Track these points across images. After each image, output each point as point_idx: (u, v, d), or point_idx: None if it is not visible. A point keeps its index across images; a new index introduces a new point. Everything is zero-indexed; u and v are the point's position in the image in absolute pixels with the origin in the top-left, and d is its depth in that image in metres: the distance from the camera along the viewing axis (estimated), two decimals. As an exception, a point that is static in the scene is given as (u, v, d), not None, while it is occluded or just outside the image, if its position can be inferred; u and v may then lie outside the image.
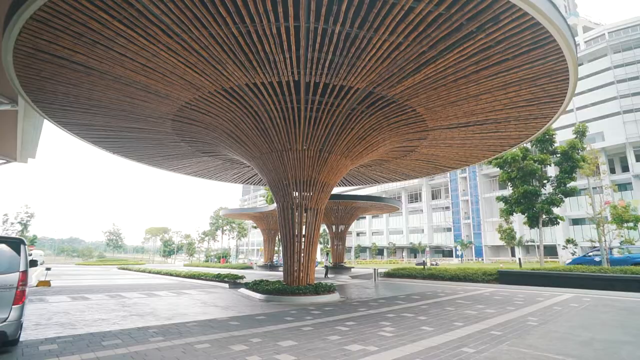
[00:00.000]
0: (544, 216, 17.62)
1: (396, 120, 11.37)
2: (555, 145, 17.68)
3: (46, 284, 14.50)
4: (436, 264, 30.98)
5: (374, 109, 10.63)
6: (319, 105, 10.27)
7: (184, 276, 20.37)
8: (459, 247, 56.95)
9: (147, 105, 10.37)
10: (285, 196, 12.25)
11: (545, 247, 54.46)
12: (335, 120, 10.93)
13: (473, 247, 61.28)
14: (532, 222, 17.78)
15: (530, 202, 17.47)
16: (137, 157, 15.53)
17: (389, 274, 18.70)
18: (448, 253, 69.07)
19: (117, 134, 12.87)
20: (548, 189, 18.37)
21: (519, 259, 15.73)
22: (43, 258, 51.47)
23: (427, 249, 49.45)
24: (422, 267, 18.05)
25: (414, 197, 74.02)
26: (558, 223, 17.41)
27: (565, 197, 17.35)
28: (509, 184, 19.35)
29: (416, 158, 15.65)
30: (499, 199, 19.75)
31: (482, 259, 58.39)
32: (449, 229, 69.05)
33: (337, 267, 23.29)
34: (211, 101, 10.10)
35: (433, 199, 75.01)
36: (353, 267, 25.52)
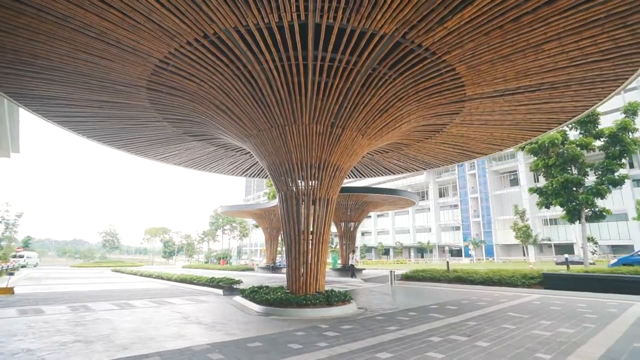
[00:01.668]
0: (586, 210, 15.26)
1: (427, 86, 9.05)
2: (599, 127, 15.32)
3: (8, 291, 12.31)
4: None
5: (400, 69, 8.33)
6: (330, 63, 7.97)
7: (176, 280, 18.16)
8: (470, 247, 54.38)
9: (111, 66, 8.11)
10: (288, 184, 9.97)
11: (560, 245, 51.93)
12: (351, 85, 8.63)
13: (483, 247, 58.77)
14: (573, 216, 15.41)
15: (570, 194, 15.10)
16: (114, 141, 13.28)
17: (407, 277, 16.37)
18: (457, 252, 66.58)
19: (84, 111, 10.62)
20: (590, 178, 15.96)
21: (566, 259, 13.40)
22: (37, 260, 49.55)
23: (447, 248, 46.89)
24: (446, 269, 15.71)
25: (421, 195, 71.58)
26: (604, 217, 15.11)
27: (614, 186, 14.97)
28: (542, 174, 16.95)
29: (442, 141, 13.30)
30: (532, 190, 17.33)
31: (493, 259, 55.89)
32: (457, 228, 66.56)
33: (347, 269, 21.00)
34: (193, 58, 7.84)
35: (440, 196, 72.51)
36: (364, 269, 23.19)
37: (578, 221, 15.48)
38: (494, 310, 8.68)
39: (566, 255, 19.06)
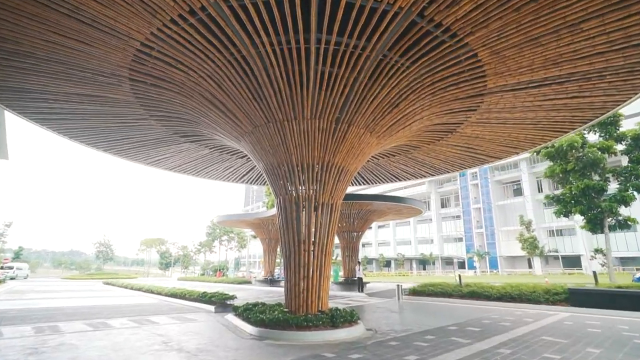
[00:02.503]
0: (609, 218, 14.16)
1: (444, 76, 8.06)
2: (621, 129, 14.32)
3: (-25, 307, 11.09)
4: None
5: (414, 56, 7.35)
6: (336, 47, 6.97)
7: (166, 294, 16.89)
8: (475, 258, 52.95)
9: (88, 52, 7.12)
10: (287, 188, 8.90)
11: (567, 257, 50.55)
12: (359, 74, 7.63)
13: (487, 258, 57.29)
14: (595, 225, 14.29)
15: (591, 201, 14.02)
16: (98, 142, 12.23)
17: (415, 292, 15.13)
18: (460, 264, 65.01)
19: (63, 107, 9.60)
20: (611, 184, 14.89)
21: (594, 273, 12.16)
22: (28, 272, 47.95)
23: (455, 260, 45.39)
24: (458, 283, 14.50)
25: (423, 206, 70.22)
26: (629, 227, 14.00)
27: (639, 193, 13.91)
28: (558, 180, 15.90)
29: (454, 143, 12.28)
30: (548, 198, 16.25)
31: (498, 271, 54.39)
32: (460, 239, 65.13)
33: (350, 282, 19.73)
34: (178, 41, 6.85)
35: (442, 207, 71.31)
36: (368, 282, 21.90)
37: (600, 231, 14.36)
38: (525, 333, 7.50)
39: (594, 269, 17.56)
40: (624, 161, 23.71)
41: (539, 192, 56.34)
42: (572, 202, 14.55)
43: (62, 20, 6.23)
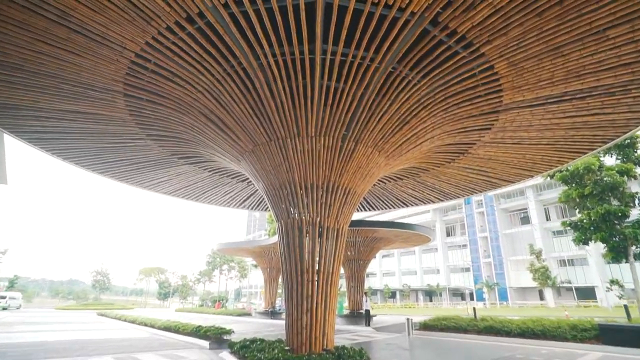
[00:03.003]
0: (633, 246, 13.24)
1: (457, 91, 7.57)
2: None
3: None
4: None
5: (426, 69, 6.89)
6: (343, 58, 6.53)
7: (160, 327, 15.77)
8: (484, 290, 50.92)
9: (79, 63, 6.72)
10: (289, 211, 8.22)
11: (579, 289, 48.43)
12: (367, 88, 7.16)
13: (497, 290, 55.10)
14: (618, 254, 13.36)
15: (613, 228, 13.17)
16: (93, 164, 11.71)
17: (427, 326, 13.98)
18: (468, 296, 62.58)
19: (56, 125, 9.13)
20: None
21: (625, 307, 11.07)
22: (22, 301, 46.36)
23: (467, 291, 43.43)
24: (473, 316, 13.38)
25: (428, 234, 68.71)
26: (655, 255, 13.07)
27: (663, 219, 13.08)
28: (574, 205, 15.11)
29: (466, 165, 11.66)
30: (565, 224, 15.37)
31: (508, 303, 52.09)
32: (467, 269, 63.04)
33: (356, 315, 18.50)
34: (175, 52, 6.45)
35: (448, 236, 69.69)
36: (375, 315, 20.60)
37: (625, 260, 13.40)
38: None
39: (610, 302, 16.25)
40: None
41: (547, 220, 55.08)
42: (592, 228, 13.72)
43: (50, 27, 5.84)
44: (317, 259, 8.00)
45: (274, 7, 5.41)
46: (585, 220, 13.97)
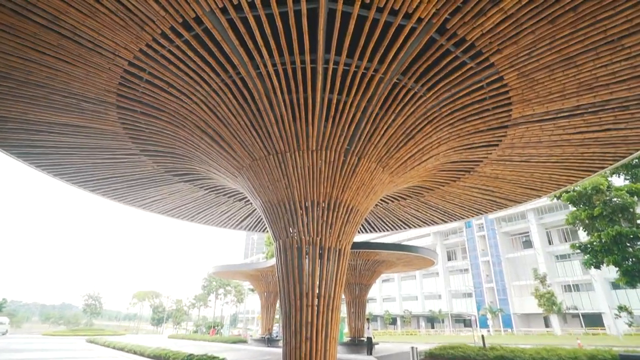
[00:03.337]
0: (648, 270, 12.68)
1: (464, 104, 7.27)
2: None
3: None
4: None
5: (432, 80, 6.61)
6: (346, 68, 6.25)
7: (149, 356, 14.88)
8: (488, 316, 49.33)
9: (71, 72, 6.41)
10: (287, 229, 7.72)
11: (586, 315, 46.95)
12: (371, 99, 6.85)
13: (500, 316, 53.42)
14: (633, 278, 12.76)
15: (625, 250, 12.65)
16: (84, 181, 11.26)
17: (433, 356, 13.13)
18: (470, 323, 60.63)
19: (46, 139, 8.76)
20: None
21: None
22: (7, 327, 44.57)
23: (473, 318, 42.01)
24: (482, 345, 12.60)
25: (429, 258, 67.41)
26: (672, 279, 12.47)
27: (678, 241, 12.59)
28: (582, 227, 14.64)
29: (471, 184, 11.25)
30: (574, 247, 14.83)
31: (512, 330, 50.35)
32: (469, 295, 61.43)
33: (357, 343, 17.54)
34: (170, 60, 6.16)
35: (449, 260, 68.39)
36: (377, 343, 19.59)
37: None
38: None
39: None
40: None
41: (550, 244, 54.24)
42: (603, 251, 13.18)
43: (40, 33, 5.57)
44: (318, 281, 7.44)
45: (274, 12, 5.16)
46: (595, 243, 13.44)
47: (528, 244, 56.73)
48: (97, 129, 8.39)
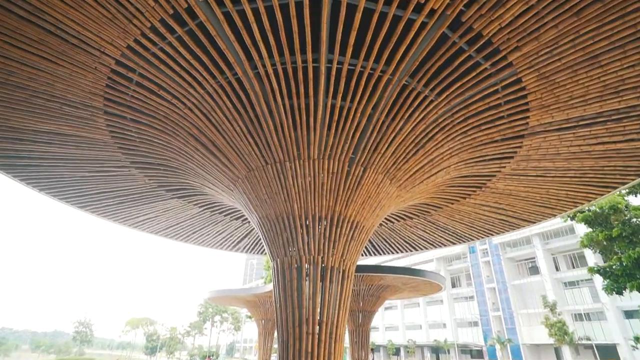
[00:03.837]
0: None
1: (478, 110, 6.74)
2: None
3: None
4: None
5: (444, 81, 6.12)
6: (351, 67, 5.77)
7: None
8: (497, 346, 47.14)
9: (54, 72, 5.94)
10: (286, 247, 7.01)
11: (599, 346, 44.73)
12: (378, 104, 6.34)
13: (508, 347, 51.05)
14: (659, 305, 11.79)
15: (648, 274, 11.81)
16: (72, 197, 10.62)
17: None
18: (477, 353, 57.98)
19: (29, 149, 8.21)
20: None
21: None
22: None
23: (484, 348, 39.99)
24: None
25: (433, 285, 65.48)
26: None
27: None
28: (599, 250, 13.83)
29: (482, 201, 10.59)
30: (592, 270, 13.93)
31: (522, 363, 47.94)
32: (475, 324, 59.04)
33: (360, 376, 16.27)
34: (161, 58, 5.70)
35: (453, 287, 66.32)
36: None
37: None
38: None
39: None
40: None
41: (557, 270, 52.69)
42: (624, 275, 12.32)
43: (21, 27, 5.13)
44: (319, 306, 6.65)
45: (274, 4, 4.73)
46: (615, 267, 12.59)
47: (534, 270, 55.13)
48: (85, 138, 7.86)
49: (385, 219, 12.18)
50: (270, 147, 6.75)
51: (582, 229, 44.01)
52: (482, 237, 13.46)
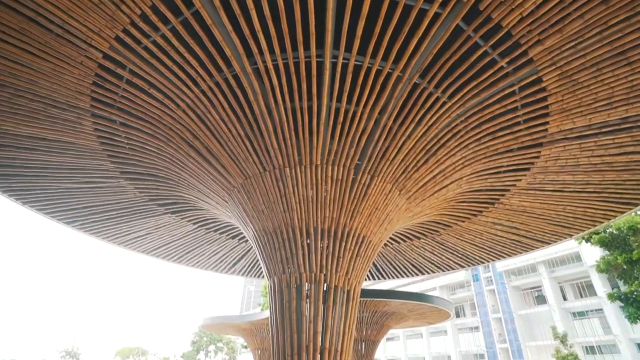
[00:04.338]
0: None
1: (494, 114, 6.26)
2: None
3: None
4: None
5: (458, 81, 5.68)
6: (358, 63, 5.32)
7: None
8: (506, 382, 44.66)
9: (38, 67, 5.51)
10: (284, 264, 6.32)
11: (613, 383, 42.30)
12: (386, 106, 5.86)
13: (518, 382, 48.50)
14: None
15: (675, 301, 10.95)
16: (57, 212, 9.94)
17: None
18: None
19: (11, 156, 7.66)
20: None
21: None
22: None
23: None
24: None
25: (436, 314, 63.20)
26: None
27: None
28: (619, 274, 13.00)
29: (495, 218, 9.93)
30: (612, 297, 13.03)
31: (533, 400, 45.24)
32: (481, 356, 56.35)
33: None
34: (152, 52, 5.27)
35: (457, 317, 63.93)
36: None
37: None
38: None
39: None
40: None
41: (564, 299, 50.92)
42: (648, 302, 11.47)
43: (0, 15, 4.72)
44: (321, 330, 5.87)
45: (275, -12, 4.34)
46: (638, 292, 11.74)
47: (541, 299, 53.28)
48: (71, 144, 7.33)
49: (391, 238, 11.47)
50: (269, 152, 6.21)
51: (588, 256, 42.90)
52: (493, 260, 12.67)
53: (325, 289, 6.13)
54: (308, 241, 6.33)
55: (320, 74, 5.37)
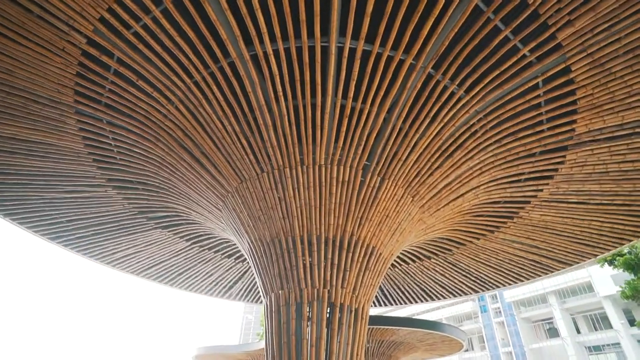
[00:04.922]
0: None
1: (516, 111, 5.67)
2: None
3: None
4: None
5: (475, 72, 5.14)
6: (366, 49, 4.81)
7: None
8: None
9: (13, 53, 5.02)
10: (282, 279, 5.54)
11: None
12: (397, 100, 5.30)
13: None
14: None
15: None
16: (39, 225, 9.19)
17: None
18: None
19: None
20: None
21: None
22: None
23: None
24: None
25: (443, 348, 60.20)
26: None
27: None
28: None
29: (513, 235, 9.12)
30: (642, 326, 11.90)
31: None
32: (493, 394, 53.03)
33: None
34: (141, 36, 4.79)
35: (465, 351, 60.83)
36: None
37: None
38: None
39: None
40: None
41: (577, 332, 48.46)
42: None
43: (-27, -9, 4.28)
44: (325, 357, 5.00)
45: (276, -41, 3.90)
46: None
47: (553, 332, 50.74)
48: (54, 147, 6.76)
49: (399, 257, 10.62)
50: (267, 150, 5.59)
51: (601, 286, 41.21)
52: (510, 284, 11.71)
53: (329, 307, 5.32)
54: (310, 252, 5.58)
55: (325, 61, 4.85)
